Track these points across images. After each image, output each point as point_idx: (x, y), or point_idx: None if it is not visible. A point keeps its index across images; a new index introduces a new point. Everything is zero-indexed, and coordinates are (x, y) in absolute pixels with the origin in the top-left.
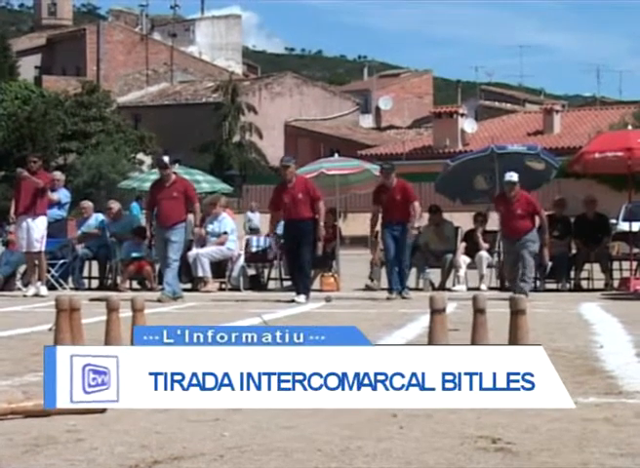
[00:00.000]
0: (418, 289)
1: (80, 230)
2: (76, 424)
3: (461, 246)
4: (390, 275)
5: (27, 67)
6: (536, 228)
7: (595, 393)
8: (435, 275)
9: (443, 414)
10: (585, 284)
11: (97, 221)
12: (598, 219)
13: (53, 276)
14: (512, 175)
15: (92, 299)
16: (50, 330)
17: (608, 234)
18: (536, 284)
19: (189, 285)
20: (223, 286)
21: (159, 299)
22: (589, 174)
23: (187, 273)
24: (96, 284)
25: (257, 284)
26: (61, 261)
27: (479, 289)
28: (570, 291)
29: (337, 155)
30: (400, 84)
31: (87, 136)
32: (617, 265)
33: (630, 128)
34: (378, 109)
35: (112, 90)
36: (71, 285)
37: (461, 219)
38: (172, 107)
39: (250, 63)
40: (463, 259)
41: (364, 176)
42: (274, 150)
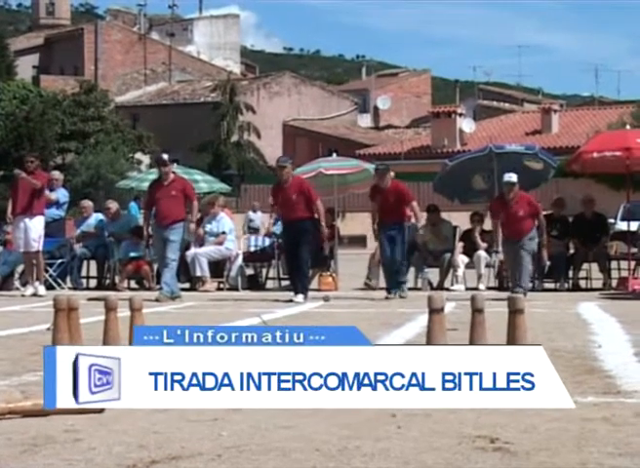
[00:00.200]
0: (416, 288)
1: (80, 229)
2: (74, 424)
3: (459, 245)
4: (387, 275)
5: (25, 67)
6: (535, 227)
7: (594, 393)
8: (434, 275)
9: (441, 414)
10: (584, 283)
11: (96, 221)
12: (596, 219)
13: (51, 276)
14: (511, 175)
15: (90, 299)
16: (48, 329)
17: (606, 234)
18: (534, 283)
19: (187, 284)
20: (222, 285)
21: (157, 299)
22: (587, 173)
23: (186, 273)
24: (94, 283)
25: (255, 283)
26: (60, 261)
27: (477, 288)
28: (568, 290)
29: (335, 155)
30: (398, 83)
31: (85, 136)
32: (615, 265)
33: (629, 127)
34: (376, 109)
35: (110, 89)
36: (69, 284)
37: (460, 219)
38: (170, 107)
39: (248, 63)
40: (462, 259)
41: (362, 176)
42: (272, 150)
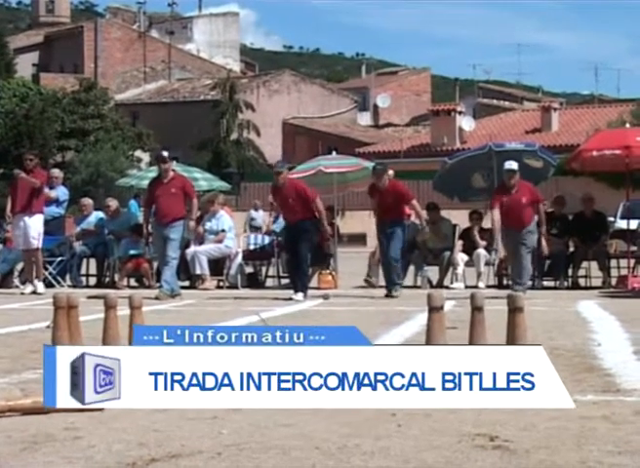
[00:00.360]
0: (415, 286)
1: (79, 227)
2: (74, 422)
3: (459, 243)
4: (386, 273)
5: (25, 65)
6: (535, 218)
7: (593, 391)
8: (433, 273)
9: (441, 413)
10: (583, 282)
11: (96, 219)
12: (596, 217)
13: (50, 273)
14: (512, 163)
15: (90, 297)
16: (48, 327)
17: (606, 232)
18: (534, 282)
19: (187, 282)
20: (221, 283)
21: (157, 297)
22: (587, 171)
23: (185, 271)
24: (93, 281)
25: (254, 282)
26: (59, 259)
27: (477, 286)
28: (568, 288)
29: (334, 153)
30: (398, 82)
31: (85, 134)
32: (614, 263)
33: (628, 126)
34: (376, 107)
35: (110, 87)
36: (69, 282)
37: (460, 217)
38: (170, 105)
39: (248, 61)
40: (461, 257)
41: (362, 174)
42: (272, 148)
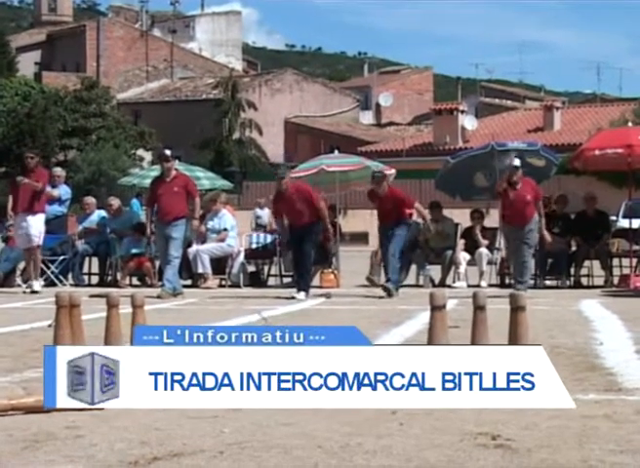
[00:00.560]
0: (418, 285)
1: (82, 226)
2: (76, 421)
3: (461, 243)
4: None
5: (27, 63)
6: (537, 216)
7: (595, 390)
8: (435, 272)
9: (442, 412)
10: (585, 281)
11: (99, 218)
12: (598, 216)
13: (53, 272)
14: (515, 159)
15: (92, 296)
16: (49, 326)
17: (608, 231)
18: (535, 281)
19: (189, 281)
20: (223, 282)
21: (159, 296)
22: (589, 170)
23: (187, 269)
24: (96, 280)
25: (256, 280)
26: (61, 258)
27: (479, 285)
28: (570, 287)
29: (337, 152)
30: (400, 80)
31: (87, 133)
32: (616, 262)
33: (630, 125)
34: (378, 106)
35: (112, 86)
36: (71, 281)
37: (462, 216)
38: (172, 104)
39: (250, 60)
40: (463, 256)
41: (364, 173)
42: (274, 147)
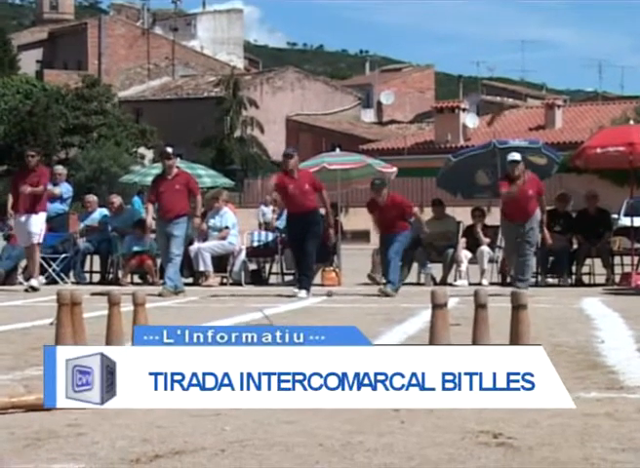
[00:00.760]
0: (419, 283)
1: (83, 224)
2: (77, 418)
3: (462, 241)
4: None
5: (29, 61)
6: (538, 212)
7: (596, 388)
8: (437, 270)
9: (444, 410)
10: (587, 279)
11: (101, 216)
12: (600, 214)
13: (54, 270)
14: (514, 154)
15: (93, 294)
16: (51, 324)
17: (609, 229)
18: (537, 279)
19: (191, 279)
20: (225, 280)
21: (160, 294)
22: (591, 169)
23: (189, 267)
24: (97, 278)
25: (258, 278)
26: (63, 256)
27: (480, 283)
28: (571, 286)
29: (338, 150)
30: (402, 78)
31: (88, 131)
32: (618, 260)
33: (632, 123)
34: (379, 104)
35: (114, 84)
36: (73, 279)
37: (463, 214)
38: (173, 102)
39: (251, 58)
40: (465, 254)
41: (366, 171)
42: (276, 145)
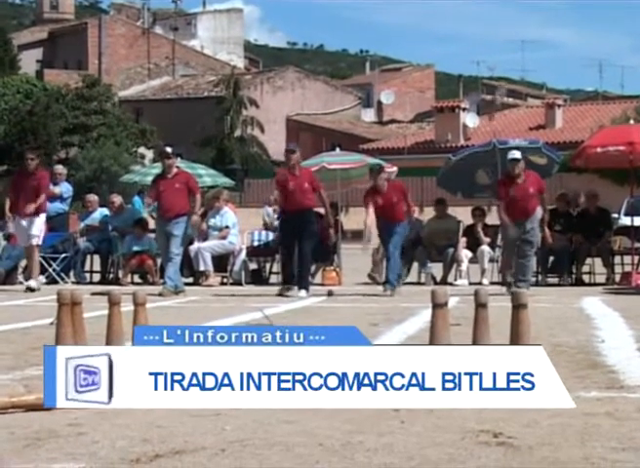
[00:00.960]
0: (419, 283)
1: (84, 223)
2: (78, 418)
3: (463, 240)
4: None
5: (29, 61)
6: (540, 211)
7: (597, 387)
8: (437, 269)
9: (444, 410)
10: (587, 278)
11: (101, 216)
12: (600, 214)
13: (54, 270)
14: (515, 152)
15: (93, 293)
16: (51, 324)
17: (610, 228)
18: (537, 278)
19: (191, 279)
20: (225, 280)
21: (161, 293)
22: (591, 168)
23: (189, 267)
24: (97, 278)
25: (258, 278)
26: (63, 255)
27: (481, 283)
28: (571, 285)
29: (338, 149)
30: (402, 78)
31: (88, 130)
32: (618, 260)
33: (632, 122)
34: (379, 103)
35: (114, 84)
36: (73, 279)
37: (464, 214)
38: (173, 101)
39: (252, 57)
40: (465, 254)
41: (366, 171)
42: (276, 144)
